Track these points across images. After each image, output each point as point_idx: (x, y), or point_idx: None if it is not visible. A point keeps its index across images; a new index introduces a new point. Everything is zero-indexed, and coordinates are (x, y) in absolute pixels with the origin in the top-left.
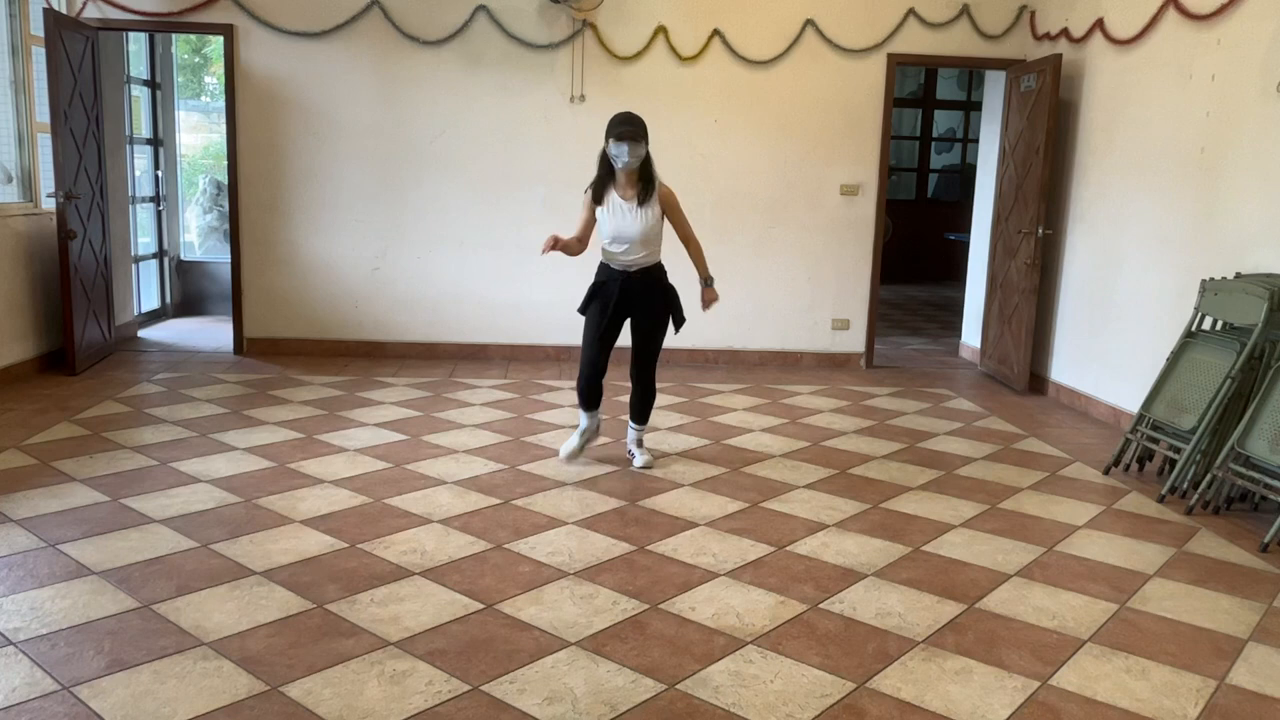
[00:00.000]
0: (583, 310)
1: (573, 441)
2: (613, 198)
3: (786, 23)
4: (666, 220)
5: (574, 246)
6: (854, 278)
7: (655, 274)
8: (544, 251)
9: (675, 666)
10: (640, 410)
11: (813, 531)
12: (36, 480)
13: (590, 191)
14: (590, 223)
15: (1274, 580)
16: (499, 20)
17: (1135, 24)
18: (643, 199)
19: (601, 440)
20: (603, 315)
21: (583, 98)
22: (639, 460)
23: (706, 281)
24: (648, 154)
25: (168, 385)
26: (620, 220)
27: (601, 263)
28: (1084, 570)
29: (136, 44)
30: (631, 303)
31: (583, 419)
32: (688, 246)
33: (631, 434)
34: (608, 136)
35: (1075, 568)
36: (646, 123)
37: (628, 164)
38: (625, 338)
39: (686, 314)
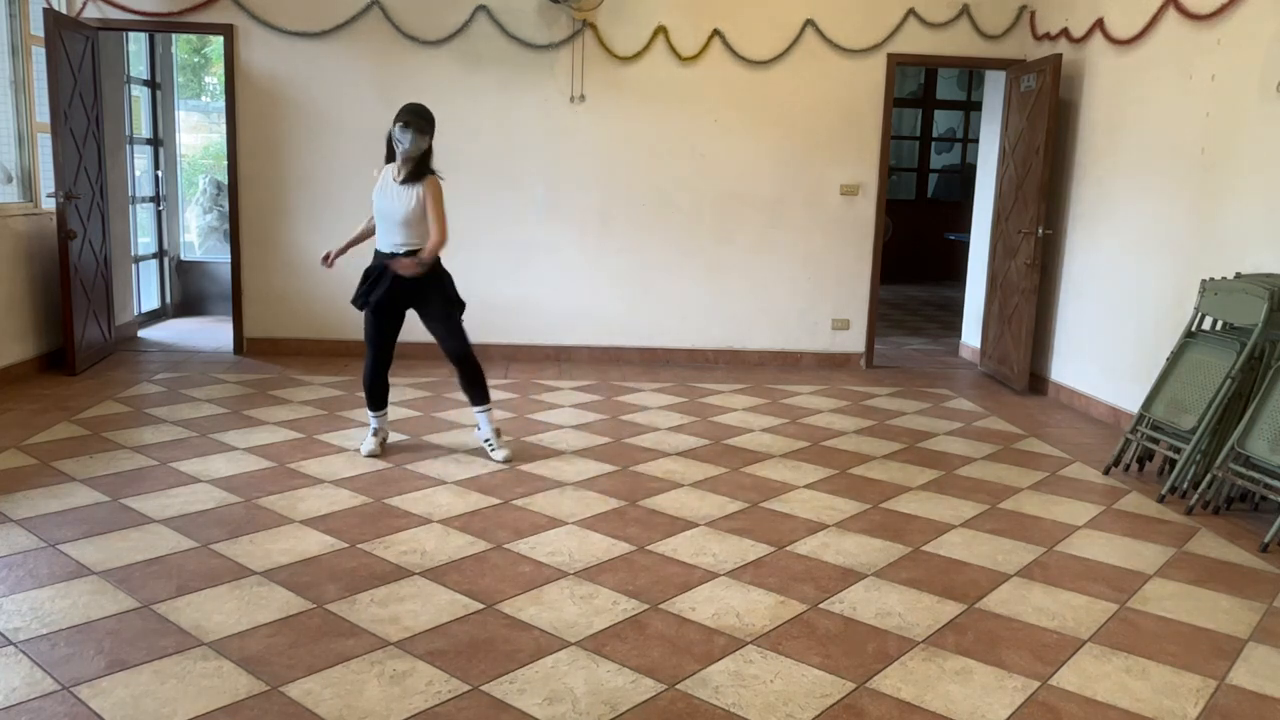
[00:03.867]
0: (362, 303)
1: (370, 443)
2: (386, 176)
3: (786, 23)
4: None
5: (367, 233)
6: (854, 278)
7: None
8: (330, 263)
9: (675, 666)
10: (476, 392)
11: (813, 531)
12: (36, 480)
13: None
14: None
15: (1274, 580)
16: (499, 20)
17: (1135, 24)
18: (410, 180)
19: (602, 440)
20: (383, 306)
21: (583, 98)
22: (499, 455)
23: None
24: (429, 148)
25: (168, 385)
26: (388, 200)
27: (375, 250)
28: (1084, 570)
29: (136, 44)
30: (410, 293)
31: (372, 420)
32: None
33: (483, 419)
34: (396, 121)
35: (1075, 568)
36: (433, 116)
37: (407, 151)
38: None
39: (462, 298)
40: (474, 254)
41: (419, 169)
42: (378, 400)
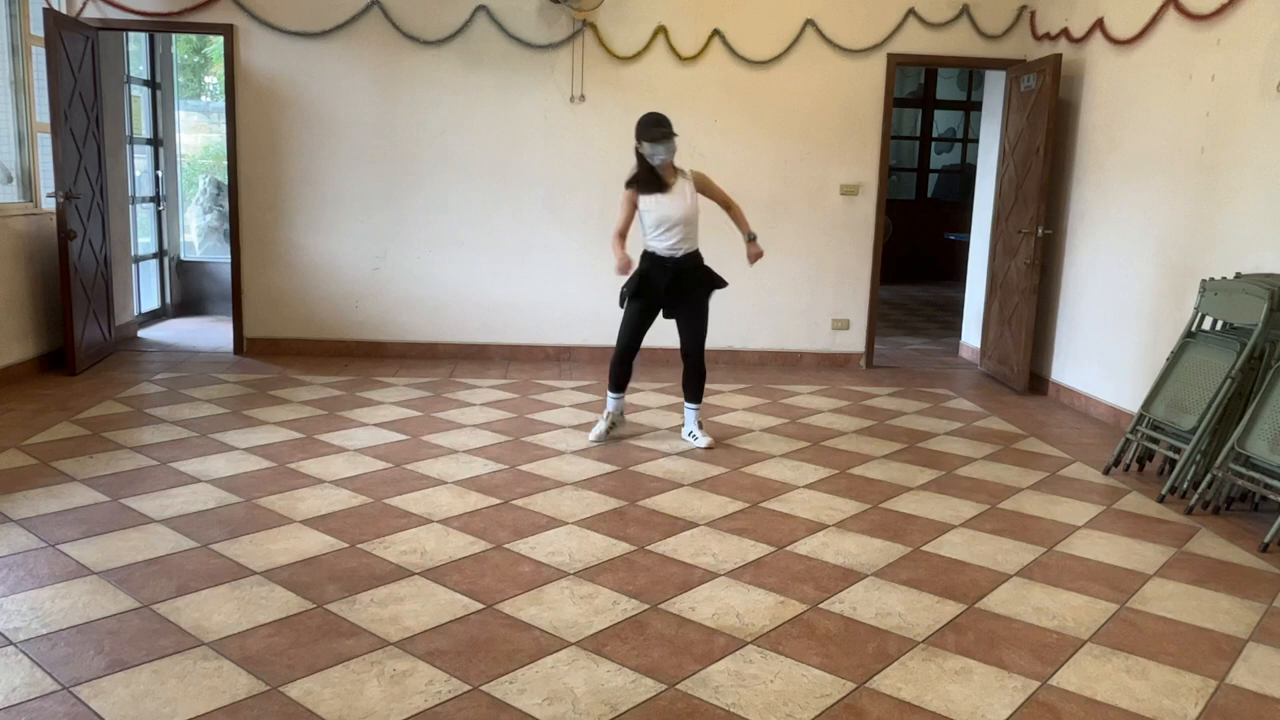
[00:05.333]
0: (630, 297)
1: (600, 426)
2: (669, 189)
3: (786, 23)
4: (704, 198)
5: (623, 241)
6: (854, 278)
7: (699, 259)
8: (624, 270)
9: (675, 666)
10: (696, 389)
11: (813, 531)
12: (36, 480)
13: (634, 187)
14: (632, 216)
15: (1274, 580)
16: (499, 20)
17: (1135, 24)
18: (675, 183)
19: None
20: (649, 302)
21: (583, 98)
22: (702, 441)
23: (749, 238)
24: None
25: (168, 385)
26: (666, 206)
27: (646, 252)
28: (1084, 570)
29: (136, 44)
30: (682, 289)
31: (611, 402)
32: (729, 210)
33: (692, 415)
34: (642, 139)
35: (1075, 568)
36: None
37: (666, 160)
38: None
39: (724, 278)
40: (474, 254)
41: (676, 171)
42: (624, 382)
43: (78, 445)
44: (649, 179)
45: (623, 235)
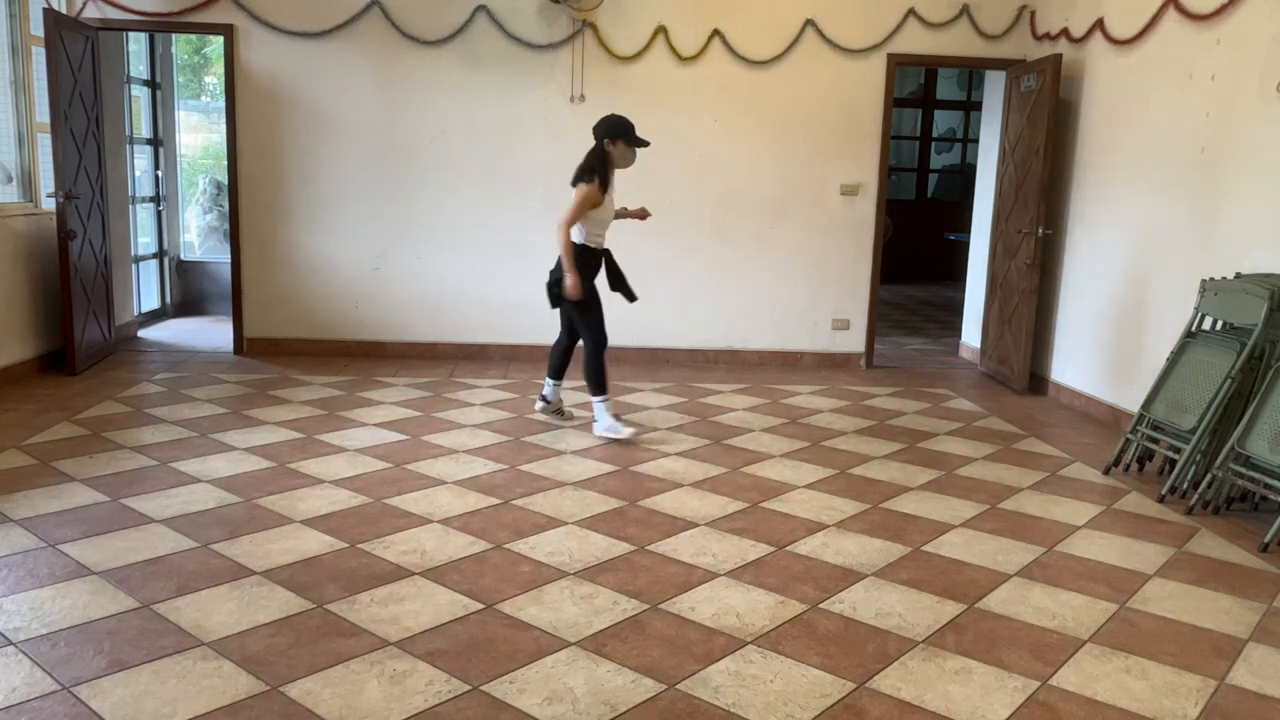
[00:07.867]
0: (594, 299)
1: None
2: (611, 188)
3: (786, 23)
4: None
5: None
6: (854, 278)
7: None
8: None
9: (675, 666)
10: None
11: (813, 531)
12: (36, 480)
13: (598, 182)
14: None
15: (1274, 580)
16: (499, 20)
17: (1135, 24)
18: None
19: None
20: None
21: (583, 98)
22: (625, 432)
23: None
24: (596, 153)
25: (168, 385)
26: (613, 203)
27: (589, 248)
28: (1084, 570)
29: (136, 44)
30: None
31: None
32: None
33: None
34: (627, 141)
35: (1075, 568)
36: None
37: (629, 165)
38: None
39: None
40: (474, 254)
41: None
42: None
43: (78, 445)
44: (607, 178)
45: None
